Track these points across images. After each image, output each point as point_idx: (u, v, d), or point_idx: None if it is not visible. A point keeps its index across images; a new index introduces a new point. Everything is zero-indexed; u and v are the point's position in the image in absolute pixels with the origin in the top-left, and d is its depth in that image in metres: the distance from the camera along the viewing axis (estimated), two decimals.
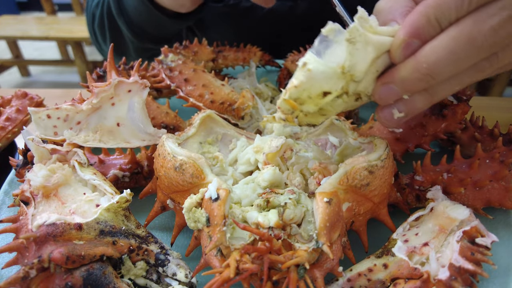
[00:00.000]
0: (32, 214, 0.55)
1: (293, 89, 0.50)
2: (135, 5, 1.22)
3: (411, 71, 0.49)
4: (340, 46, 0.47)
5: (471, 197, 0.63)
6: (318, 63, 0.48)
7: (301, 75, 0.49)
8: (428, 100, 0.53)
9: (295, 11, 1.36)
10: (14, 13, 6.54)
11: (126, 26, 1.32)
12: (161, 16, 1.19)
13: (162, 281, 0.57)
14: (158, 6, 1.17)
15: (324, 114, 0.56)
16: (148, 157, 0.76)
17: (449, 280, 0.51)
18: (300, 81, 0.49)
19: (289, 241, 0.51)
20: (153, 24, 1.26)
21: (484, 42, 0.45)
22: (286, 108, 0.54)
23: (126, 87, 0.68)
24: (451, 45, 0.46)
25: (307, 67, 0.48)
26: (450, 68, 0.48)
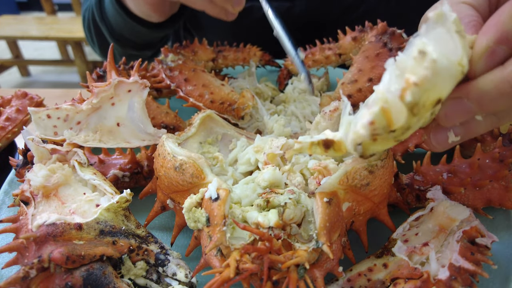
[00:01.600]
0: (32, 214, 0.55)
1: (414, 88, 0.35)
2: (113, 14, 1.23)
3: (495, 84, 0.39)
4: (452, 36, 0.36)
5: (471, 197, 0.63)
6: (440, 53, 0.35)
7: (422, 68, 0.35)
8: (493, 124, 0.45)
9: (292, 12, 1.36)
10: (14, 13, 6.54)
11: (108, 33, 1.33)
12: (135, 25, 1.20)
13: (162, 281, 0.57)
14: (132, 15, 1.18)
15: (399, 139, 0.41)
16: (148, 157, 0.76)
17: (449, 280, 0.51)
18: (422, 75, 0.35)
19: (289, 241, 0.51)
20: (131, 32, 1.27)
21: None
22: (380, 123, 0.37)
23: (126, 87, 0.68)
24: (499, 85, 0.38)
25: (431, 57, 0.35)
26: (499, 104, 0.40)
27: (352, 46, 0.98)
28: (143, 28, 1.20)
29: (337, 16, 1.36)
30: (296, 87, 0.94)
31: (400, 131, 0.38)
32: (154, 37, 1.33)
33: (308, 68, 1.09)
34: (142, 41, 1.33)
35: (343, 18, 1.36)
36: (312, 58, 1.06)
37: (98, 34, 1.40)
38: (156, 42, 1.41)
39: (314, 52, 1.07)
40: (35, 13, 7.22)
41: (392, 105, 0.37)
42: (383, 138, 0.39)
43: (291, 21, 1.37)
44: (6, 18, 4.61)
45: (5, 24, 4.41)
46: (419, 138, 0.76)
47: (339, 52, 1.01)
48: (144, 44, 1.35)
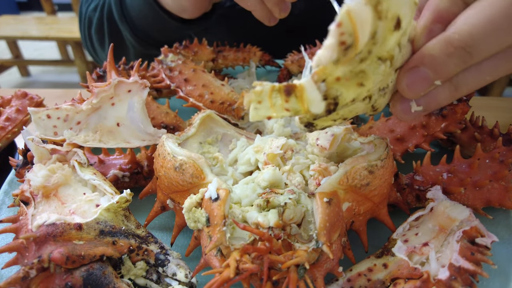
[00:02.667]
0: (32, 214, 0.55)
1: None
2: (140, 8, 1.19)
3: (439, 47, 0.42)
4: None
5: (471, 197, 0.63)
6: None
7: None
8: (452, 93, 0.46)
9: (292, 12, 1.36)
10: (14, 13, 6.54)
11: (129, 31, 1.28)
12: (167, 19, 1.16)
13: (162, 281, 0.57)
14: (164, 10, 1.14)
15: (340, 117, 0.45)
16: (148, 157, 0.76)
17: (449, 280, 0.51)
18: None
19: (289, 241, 0.51)
20: (158, 28, 1.23)
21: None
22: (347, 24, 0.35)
23: (126, 87, 0.68)
24: (487, 12, 0.39)
25: None
26: (490, 40, 0.40)
27: None
28: (175, 22, 1.16)
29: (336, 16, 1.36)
30: None
31: (366, 50, 0.36)
32: (183, 34, 1.28)
33: None
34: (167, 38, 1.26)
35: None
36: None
37: (113, 35, 1.35)
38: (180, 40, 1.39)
39: (314, 52, 1.07)
40: (35, 13, 7.23)
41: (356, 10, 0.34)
42: (348, 64, 0.37)
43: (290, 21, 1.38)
44: (6, 18, 4.61)
45: (5, 24, 4.41)
46: (419, 138, 0.76)
47: None
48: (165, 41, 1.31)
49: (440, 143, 0.88)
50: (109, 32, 1.36)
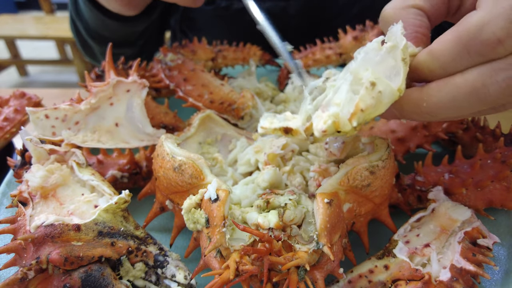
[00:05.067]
0: (30, 215, 0.55)
1: (360, 114, 0.44)
2: (84, 8, 1.18)
3: (411, 107, 0.48)
4: (397, 65, 0.44)
5: (473, 198, 0.63)
6: (385, 84, 0.44)
7: (370, 97, 0.43)
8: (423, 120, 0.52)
9: (287, 12, 1.36)
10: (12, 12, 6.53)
11: (84, 30, 1.28)
12: (105, 19, 1.14)
13: (161, 282, 0.56)
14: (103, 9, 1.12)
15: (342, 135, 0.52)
16: (147, 157, 0.76)
17: (451, 281, 0.50)
18: (369, 104, 0.43)
19: (289, 242, 0.51)
20: (103, 27, 1.21)
21: (488, 96, 0.42)
22: (332, 131, 0.47)
23: (124, 86, 0.67)
24: (453, 92, 0.44)
25: (378, 89, 0.43)
26: (450, 112, 0.46)
27: (353, 46, 0.98)
28: (113, 22, 1.14)
29: (332, 15, 1.36)
30: (296, 87, 0.94)
31: (344, 133, 0.47)
32: (128, 32, 1.27)
33: (308, 67, 1.08)
34: (118, 37, 1.27)
35: (338, 17, 1.35)
36: (313, 58, 1.06)
37: (76, 32, 1.35)
38: (134, 39, 1.35)
39: (315, 51, 1.06)
40: (34, 13, 7.22)
41: (342, 122, 0.46)
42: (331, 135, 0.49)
43: (286, 20, 1.37)
44: (4, 18, 4.61)
45: (3, 23, 4.41)
46: (420, 139, 0.75)
47: (340, 51, 1.01)
48: (121, 41, 1.29)
49: (441, 143, 0.88)
50: (74, 30, 1.36)
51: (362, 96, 0.43)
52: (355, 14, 1.34)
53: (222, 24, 1.43)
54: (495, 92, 0.42)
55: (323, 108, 0.49)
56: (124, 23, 1.16)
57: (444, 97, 0.45)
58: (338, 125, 0.46)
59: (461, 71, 0.44)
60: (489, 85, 0.42)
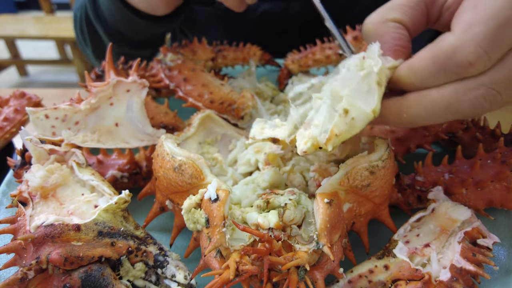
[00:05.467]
0: (30, 215, 0.55)
1: (335, 138, 0.48)
2: (109, 7, 1.16)
3: (393, 115, 0.51)
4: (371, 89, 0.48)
5: (473, 198, 0.63)
6: (358, 110, 0.47)
7: (343, 123, 0.48)
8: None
9: (288, 12, 1.35)
10: (12, 12, 6.53)
11: (103, 30, 1.26)
12: (134, 18, 1.12)
13: (161, 282, 0.56)
14: (132, 8, 1.11)
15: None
16: (147, 157, 0.76)
17: (451, 281, 0.51)
18: (342, 129, 0.48)
19: (289, 242, 0.51)
20: (128, 27, 1.20)
21: (460, 110, 0.46)
22: (312, 151, 0.51)
23: (124, 86, 0.67)
24: (429, 106, 0.48)
25: (351, 116, 0.47)
26: (427, 121, 0.50)
27: (353, 46, 0.98)
28: (142, 21, 1.13)
29: (333, 16, 1.36)
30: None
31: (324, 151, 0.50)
32: (153, 32, 1.25)
33: (308, 67, 1.08)
34: (140, 37, 1.26)
35: (339, 18, 1.35)
36: (313, 58, 1.06)
37: (91, 33, 1.33)
38: (155, 39, 1.32)
39: (315, 51, 1.06)
40: (33, 13, 7.21)
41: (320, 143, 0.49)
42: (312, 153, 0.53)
43: (287, 21, 1.37)
44: (4, 18, 4.60)
45: (3, 23, 4.40)
46: (420, 139, 0.75)
47: (340, 51, 1.01)
48: (141, 41, 1.28)
49: (441, 143, 0.88)
50: (88, 31, 1.34)
51: (336, 123, 0.48)
52: (356, 15, 1.34)
53: (222, 24, 1.43)
54: (467, 108, 0.46)
55: (305, 125, 0.53)
56: (154, 23, 1.15)
57: (422, 109, 0.48)
58: (317, 146, 0.50)
59: (438, 86, 0.47)
60: (462, 101, 0.46)
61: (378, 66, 0.47)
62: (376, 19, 0.54)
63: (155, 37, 1.32)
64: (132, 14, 1.11)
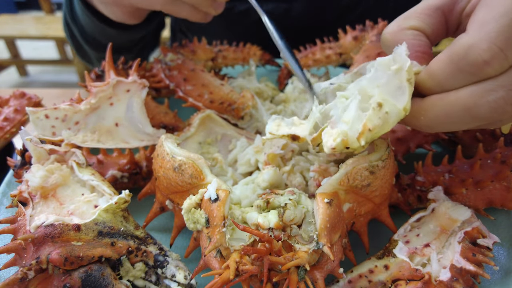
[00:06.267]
0: (30, 215, 0.55)
1: (368, 133, 0.47)
2: (81, 14, 1.16)
3: (411, 119, 0.51)
4: (403, 86, 0.47)
5: (473, 198, 0.63)
6: (391, 105, 0.47)
7: (377, 117, 0.47)
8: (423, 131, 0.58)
9: (290, 14, 1.35)
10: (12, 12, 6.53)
11: (79, 34, 1.25)
12: (105, 27, 1.12)
13: (161, 282, 0.56)
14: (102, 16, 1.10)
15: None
16: (147, 157, 0.76)
17: (451, 281, 0.51)
18: (376, 124, 0.47)
19: (289, 242, 0.51)
20: (102, 35, 1.19)
21: (479, 114, 0.45)
22: (341, 148, 0.50)
23: (124, 86, 0.67)
24: (447, 109, 0.47)
25: (384, 110, 0.46)
26: (446, 126, 0.49)
27: (353, 46, 0.98)
28: (113, 30, 1.12)
29: (334, 17, 1.36)
30: (296, 87, 0.94)
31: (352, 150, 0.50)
32: (127, 39, 1.25)
33: (308, 67, 1.08)
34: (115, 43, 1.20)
35: (341, 19, 1.35)
36: (313, 58, 1.06)
37: (71, 36, 1.33)
38: (133, 45, 1.32)
39: (315, 51, 1.06)
40: (33, 13, 7.22)
41: (350, 140, 0.49)
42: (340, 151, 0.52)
43: (289, 23, 1.37)
44: (4, 18, 4.61)
45: (3, 23, 4.41)
46: (420, 138, 0.75)
47: (340, 51, 1.01)
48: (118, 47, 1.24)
49: (441, 143, 0.88)
50: (69, 34, 1.34)
51: (370, 116, 0.47)
52: (357, 16, 1.34)
53: (224, 25, 1.43)
54: (486, 112, 0.44)
55: (332, 124, 0.51)
56: (124, 31, 1.15)
57: (439, 112, 0.47)
58: (347, 143, 0.49)
59: (456, 89, 0.46)
60: (481, 105, 0.44)
61: (407, 64, 0.46)
62: (393, 28, 0.54)
63: (132, 43, 1.30)
64: (102, 23, 1.11)
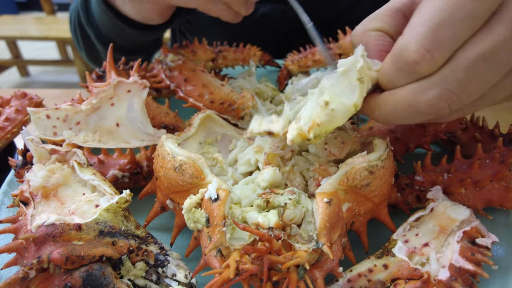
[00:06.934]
0: (31, 215, 0.55)
1: (316, 128, 0.51)
2: (99, 14, 1.15)
3: (370, 112, 0.54)
4: (352, 85, 0.50)
5: (472, 198, 0.63)
6: (338, 102, 0.50)
7: (324, 114, 0.50)
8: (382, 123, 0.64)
9: (287, 15, 1.36)
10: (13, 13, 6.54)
11: (95, 37, 1.25)
12: (124, 27, 1.12)
13: (162, 281, 0.57)
14: (123, 17, 1.10)
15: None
16: (147, 157, 0.76)
17: (450, 281, 0.51)
18: (323, 120, 0.50)
19: (289, 241, 0.51)
20: (120, 36, 1.19)
21: (421, 110, 0.48)
22: (298, 141, 0.55)
23: (125, 87, 0.68)
24: (394, 106, 0.50)
25: (330, 107, 0.50)
26: (397, 121, 0.53)
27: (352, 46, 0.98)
28: (132, 30, 1.12)
29: (333, 19, 1.36)
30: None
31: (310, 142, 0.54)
32: (144, 40, 1.26)
33: (307, 68, 1.09)
34: (132, 44, 1.25)
35: (339, 20, 1.35)
36: (312, 58, 1.06)
37: (84, 37, 1.33)
38: (148, 46, 1.33)
39: (314, 52, 1.07)
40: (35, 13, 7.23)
41: (304, 132, 0.53)
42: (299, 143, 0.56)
43: (287, 24, 1.37)
44: (5, 18, 4.61)
45: (4, 24, 4.41)
46: (419, 138, 0.76)
47: (339, 52, 1.01)
48: (134, 48, 1.27)
49: (440, 143, 0.88)
50: (81, 36, 1.34)
51: (318, 113, 0.51)
52: (355, 18, 1.34)
53: (222, 27, 1.43)
54: (426, 108, 0.47)
55: (297, 120, 0.56)
56: (143, 31, 1.15)
57: (388, 108, 0.51)
58: (303, 136, 0.53)
59: (402, 86, 0.49)
60: (420, 102, 0.47)
61: (359, 64, 0.49)
62: (359, 30, 0.57)
63: (148, 44, 1.31)
64: (123, 23, 1.11)
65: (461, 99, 0.46)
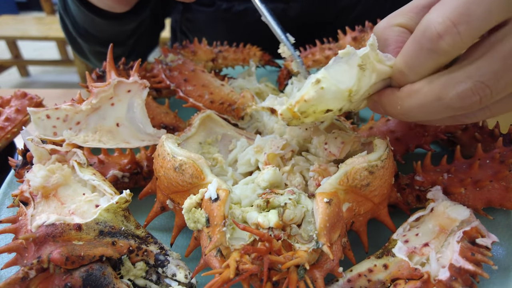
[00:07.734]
0: (31, 215, 0.55)
1: (303, 103, 0.51)
2: (73, 6, 1.16)
3: (390, 106, 0.53)
4: (351, 70, 0.50)
5: (472, 198, 0.63)
6: (330, 83, 0.50)
7: (313, 91, 0.50)
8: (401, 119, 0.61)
9: (288, 14, 1.36)
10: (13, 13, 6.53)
11: (72, 27, 1.26)
12: (94, 17, 1.12)
13: (162, 281, 0.57)
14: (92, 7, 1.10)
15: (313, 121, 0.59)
16: (147, 157, 0.76)
17: (450, 281, 0.51)
18: (311, 96, 0.50)
19: (289, 241, 0.51)
20: (92, 26, 1.19)
21: (451, 104, 0.46)
22: (287, 116, 0.55)
23: (125, 87, 0.68)
24: (421, 99, 0.48)
25: (320, 85, 0.50)
26: (421, 116, 0.51)
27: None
28: (102, 21, 1.13)
29: (333, 17, 1.36)
30: (296, 87, 0.94)
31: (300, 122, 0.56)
32: (117, 31, 1.25)
33: (308, 68, 1.09)
34: (107, 36, 1.25)
35: (339, 19, 1.35)
36: (312, 58, 1.06)
37: (65, 29, 1.33)
38: (124, 38, 1.33)
39: (314, 52, 1.07)
40: (35, 13, 7.22)
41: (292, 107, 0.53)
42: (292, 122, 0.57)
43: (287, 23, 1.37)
44: (6, 18, 4.61)
45: (4, 24, 4.42)
46: (419, 139, 0.75)
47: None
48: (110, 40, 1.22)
49: (440, 143, 0.88)
50: (62, 26, 1.34)
51: (307, 89, 0.51)
52: (355, 17, 1.34)
53: (222, 25, 1.43)
54: (457, 101, 0.46)
55: (292, 97, 0.56)
56: (113, 22, 1.15)
57: (414, 103, 0.49)
58: (291, 111, 0.53)
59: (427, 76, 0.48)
60: (452, 95, 0.45)
61: (363, 51, 0.49)
62: (382, 25, 0.56)
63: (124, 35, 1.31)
64: (90, 13, 1.11)
65: (494, 92, 0.44)
